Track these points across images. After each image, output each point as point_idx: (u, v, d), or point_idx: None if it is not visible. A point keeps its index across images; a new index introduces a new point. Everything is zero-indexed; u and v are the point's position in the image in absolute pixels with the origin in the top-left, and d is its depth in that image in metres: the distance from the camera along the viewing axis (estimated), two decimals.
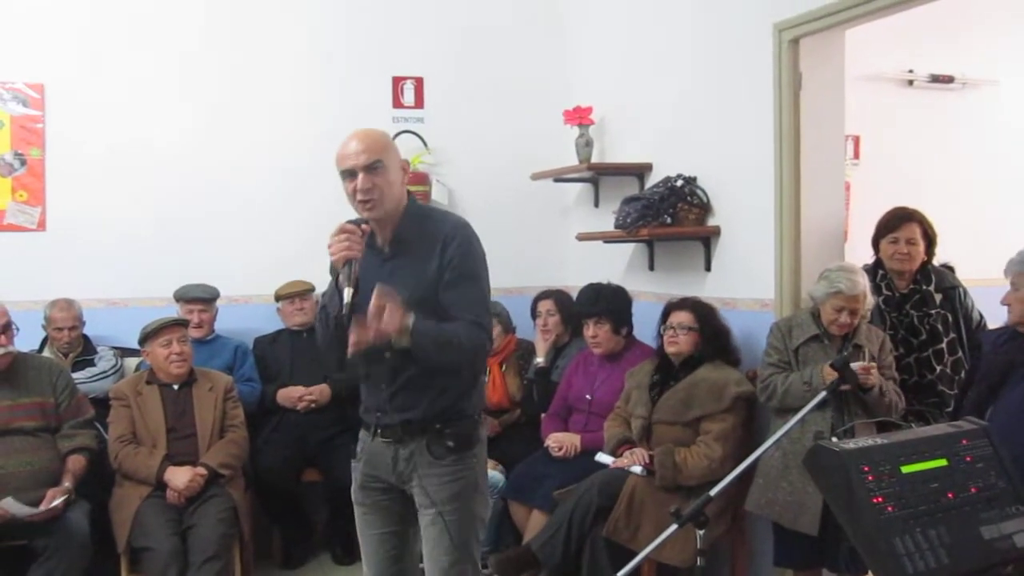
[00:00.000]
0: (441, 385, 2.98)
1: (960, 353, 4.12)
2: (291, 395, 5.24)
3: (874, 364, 3.76)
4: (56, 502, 4.01)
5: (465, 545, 3.00)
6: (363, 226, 2.94)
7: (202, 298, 5.25)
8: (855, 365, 3.61)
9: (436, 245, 2.95)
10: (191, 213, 5.49)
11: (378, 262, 2.97)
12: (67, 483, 4.16)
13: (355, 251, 2.85)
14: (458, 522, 2.99)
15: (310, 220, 5.62)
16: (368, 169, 2.93)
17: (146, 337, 4.56)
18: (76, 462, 4.27)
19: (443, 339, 2.86)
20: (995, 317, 3.67)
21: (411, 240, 2.99)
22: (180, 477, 4.30)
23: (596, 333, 4.72)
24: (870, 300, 3.93)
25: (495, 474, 4.88)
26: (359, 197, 2.93)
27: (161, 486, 4.30)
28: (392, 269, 2.95)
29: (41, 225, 5.32)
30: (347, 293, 2.78)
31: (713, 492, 2.64)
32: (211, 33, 5.54)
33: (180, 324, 4.68)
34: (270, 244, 5.60)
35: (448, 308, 2.90)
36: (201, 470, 4.35)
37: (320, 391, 5.24)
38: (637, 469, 4.20)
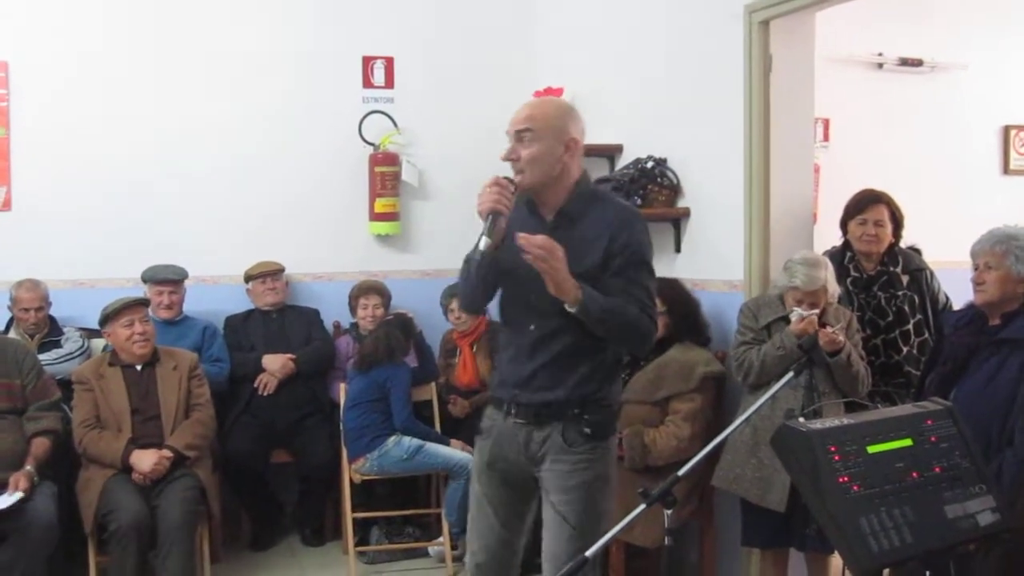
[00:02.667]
0: (585, 370, 2.91)
1: (926, 334, 4.15)
2: (275, 363, 5.22)
3: (840, 326, 3.78)
4: (14, 498, 3.94)
5: (583, 535, 2.83)
6: (515, 180, 2.92)
7: (171, 279, 5.20)
8: (820, 333, 3.65)
9: (605, 229, 2.90)
10: (158, 193, 5.43)
11: (539, 229, 2.88)
12: (29, 467, 4.11)
13: (501, 204, 2.81)
14: (581, 513, 2.89)
15: (278, 200, 5.64)
16: (516, 136, 2.94)
17: (107, 318, 4.50)
18: (40, 445, 4.21)
19: (613, 307, 2.82)
20: (961, 299, 3.70)
21: (577, 217, 2.94)
22: (146, 460, 4.26)
23: None
24: (834, 290, 3.93)
25: (464, 455, 4.88)
26: (507, 160, 2.95)
27: (127, 468, 4.27)
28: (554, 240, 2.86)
29: (6, 205, 5.25)
30: (483, 241, 2.77)
31: (681, 472, 2.64)
32: (177, 11, 5.47)
33: (142, 304, 4.63)
34: (238, 224, 5.57)
35: (615, 295, 2.85)
36: (167, 453, 4.31)
37: (283, 365, 5.22)
38: None
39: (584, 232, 2.91)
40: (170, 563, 4.14)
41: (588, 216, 2.95)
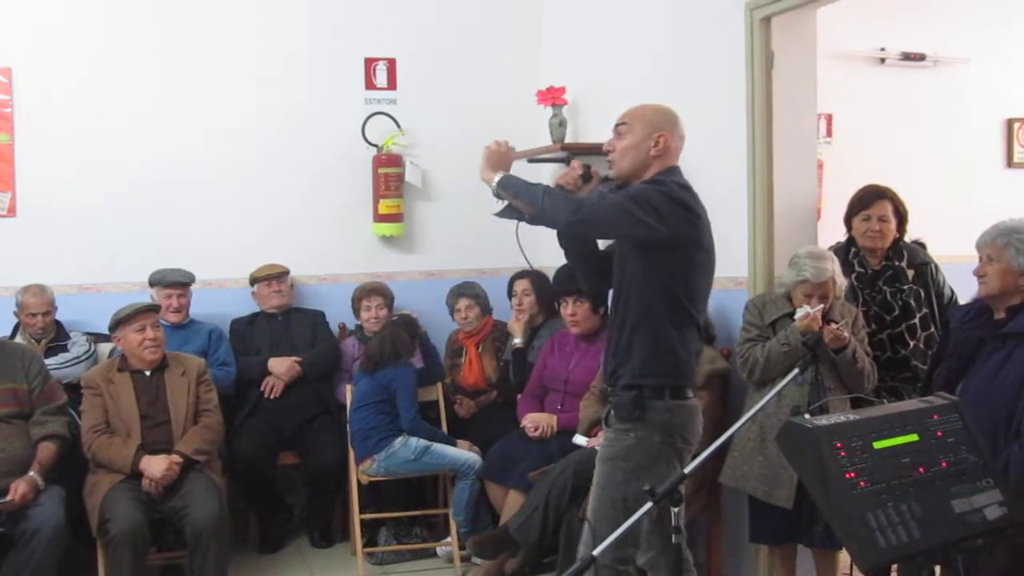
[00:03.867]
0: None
1: (932, 329, 4.15)
2: (281, 366, 5.23)
3: (845, 322, 3.78)
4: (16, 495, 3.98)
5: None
6: (592, 169, 3.25)
7: (180, 282, 5.21)
8: (825, 330, 3.65)
9: None
10: (162, 197, 5.44)
11: None
12: (33, 472, 4.12)
13: (564, 179, 3.24)
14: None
15: (282, 202, 5.64)
16: (615, 129, 3.22)
17: (118, 323, 4.49)
18: (46, 450, 4.22)
19: (521, 189, 3.08)
20: (966, 293, 3.70)
21: None
22: (156, 466, 4.26)
23: (575, 312, 4.72)
24: (841, 283, 3.94)
25: (471, 455, 4.89)
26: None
27: (136, 474, 4.27)
28: None
29: (11, 211, 5.26)
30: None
31: (688, 469, 2.65)
32: (181, 15, 5.48)
33: (153, 309, 4.63)
34: (243, 227, 5.57)
35: None
36: (176, 458, 4.31)
37: (289, 368, 5.23)
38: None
39: None
40: (206, 563, 4.16)
41: None
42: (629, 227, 3.02)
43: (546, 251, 5.71)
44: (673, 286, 3.09)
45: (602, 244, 3.38)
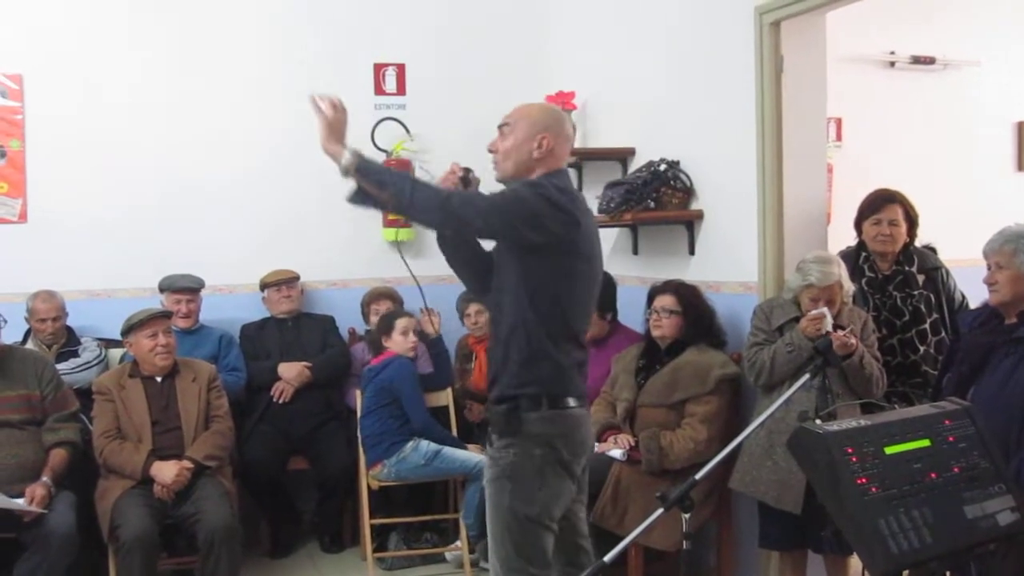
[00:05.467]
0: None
1: (943, 334, 4.14)
2: (291, 371, 5.24)
3: (851, 328, 3.77)
4: (33, 505, 3.97)
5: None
6: (471, 174, 3.12)
7: (190, 288, 5.23)
8: (832, 336, 3.63)
9: None
10: (172, 203, 5.46)
11: None
12: (46, 478, 4.13)
13: (444, 183, 3.08)
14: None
15: (292, 208, 5.65)
16: (499, 128, 3.09)
17: (130, 328, 4.51)
18: (58, 456, 4.24)
19: (385, 176, 2.97)
20: (977, 298, 3.68)
21: None
22: (167, 472, 4.27)
23: None
24: (848, 287, 3.93)
25: (482, 458, 4.88)
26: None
27: (147, 480, 4.28)
28: None
29: (22, 217, 5.29)
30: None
31: (699, 475, 2.64)
32: (190, 21, 5.50)
33: (165, 316, 4.64)
34: (253, 232, 5.59)
35: None
36: (187, 463, 4.32)
37: (299, 373, 5.23)
38: (616, 453, 4.20)
39: None
40: (217, 569, 4.16)
41: None
42: (503, 227, 2.89)
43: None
44: (549, 294, 2.92)
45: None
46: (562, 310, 2.95)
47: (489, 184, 3.16)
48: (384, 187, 2.91)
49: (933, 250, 4.41)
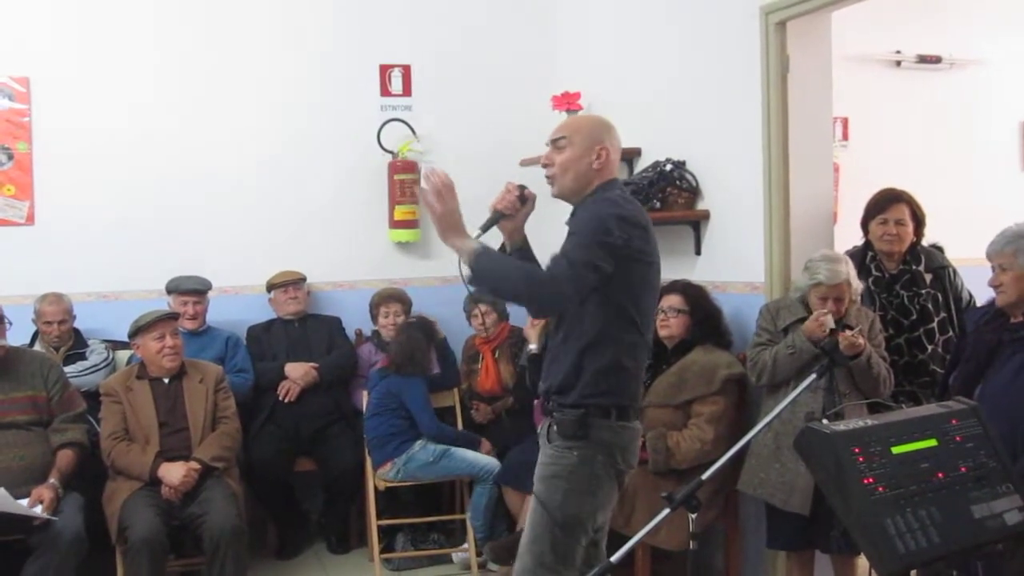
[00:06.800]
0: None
1: (951, 332, 4.13)
2: (297, 371, 5.24)
3: (859, 329, 3.76)
4: (38, 510, 3.97)
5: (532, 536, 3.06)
6: (526, 191, 3.07)
7: (196, 290, 5.24)
8: (840, 336, 3.63)
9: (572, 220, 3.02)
10: (179, 204, 5.46)
11: None
12: (53, 479, 4.13)
13: (501, 204, 3.06)
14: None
15: (298, 209, 5.66)
16: (552, 143, 3.05)
17: (138, 330, 4.52)
18: (65, 457, 4.24)
19: (505, 264, 2.95)
20: (984, 296, 3.68)
21: (575, 221, 3.01)
22: (175, 473, 4.28)
23: None
24: (856, 286, 3.93)
25: (490, 459, 4.89)
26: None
27: (154, 482, 4.29)
28: None
29: (30, 219, 5.30)
30: (475, 232, 2.97)
31: (705, 475, 2.64)
32: (196, 24, 5.51)
33: (172, 317, 4.65)
34: (259, 234, 5.60)
35: None
36: (195, 465, 4.33)
37: (305, 373, 5.24)
38: None
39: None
40: (225, 570, 4.16)
41: (575, 215, 3.04)
42: (594, 280, 2.85)
43: None
44: (626, 305, 2.95)
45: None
46: (638, 320, 3.00)
47: (545, 200, 3.18)
48: (499, 293, 3.05)
49: (940, 249, 4.40)
